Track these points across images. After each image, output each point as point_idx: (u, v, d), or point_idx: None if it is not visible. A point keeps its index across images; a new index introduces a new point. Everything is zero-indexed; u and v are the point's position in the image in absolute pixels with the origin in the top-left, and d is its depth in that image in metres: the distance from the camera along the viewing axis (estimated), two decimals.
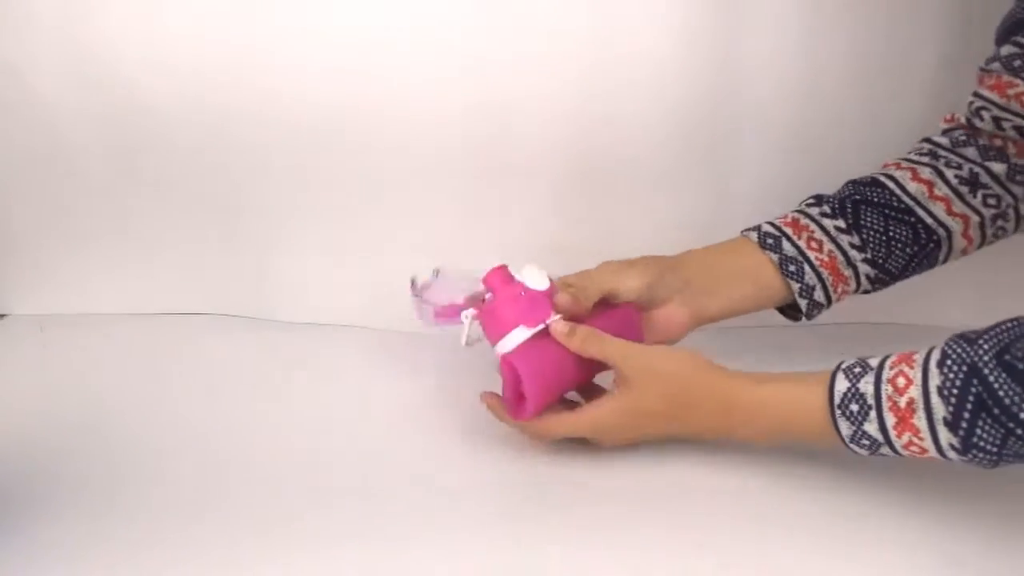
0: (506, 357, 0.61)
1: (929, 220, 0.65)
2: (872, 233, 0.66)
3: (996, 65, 0.65)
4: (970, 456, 0.50)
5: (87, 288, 0.88)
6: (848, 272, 0.66)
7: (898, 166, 0.68)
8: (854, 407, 0.53)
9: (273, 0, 0.75)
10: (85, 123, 0.81)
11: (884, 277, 0.67)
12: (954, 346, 0.51)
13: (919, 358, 0.52)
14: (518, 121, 0.77)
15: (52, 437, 0.66)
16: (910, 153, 0.69)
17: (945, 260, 0.68)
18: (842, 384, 0.54)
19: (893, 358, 0.53)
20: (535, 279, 0.62)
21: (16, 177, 0.84)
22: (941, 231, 0.66)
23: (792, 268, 0.66)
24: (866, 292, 0.69)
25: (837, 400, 0.54)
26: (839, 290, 0.67)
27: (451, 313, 0.65)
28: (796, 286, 0.66)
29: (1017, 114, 0.64)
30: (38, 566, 0.52)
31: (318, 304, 0.86)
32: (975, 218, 0.66)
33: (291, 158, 0.81)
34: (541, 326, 0.61)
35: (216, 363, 0.79)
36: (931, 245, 0.66)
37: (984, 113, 0.65)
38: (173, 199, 0.84)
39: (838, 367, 0.56)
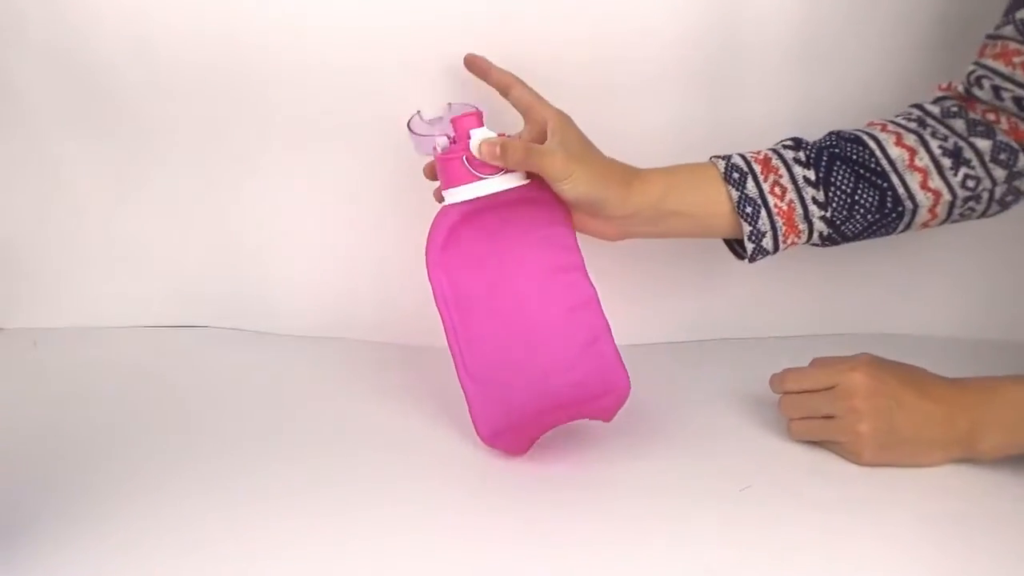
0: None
1: (901, 190, 0.64)
2: (839, 192, 0.65)
3: (1009, 29, 0.62)
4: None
5: (81, 302, 0.88)
6: (803, 226, 0.66)
7: (884, 127, 0.67)
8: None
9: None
10: (76, 134, 0.81)
11: (837, 238, 0.67)
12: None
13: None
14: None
15: (47, 452, 0.66)
16: (898, 116, 0.68)
17: (903, 231, 0.67)
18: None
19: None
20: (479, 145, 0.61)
21: (7, 190, 0.84)
22: (908, 203, 0.65)
23: (748, 209, 0.65)
24: (815, 246, 0.68)
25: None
26: (788, 241, 0.66)
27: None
28: (748, 228, 0.65)
29: (1019, 84, 0.62)
30: None
31: (314, 316, 0.86)
32: (947, 196, 0.64)
33: (287, 165, 0.80)
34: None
35: (212, 376, 0.79)
36: (893, 215, 0.65)
37: (984, 82, 0.64)
38: (167, 210, 0.84)
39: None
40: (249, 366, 0.81)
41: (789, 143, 0.67)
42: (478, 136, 0.62)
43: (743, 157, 0.66)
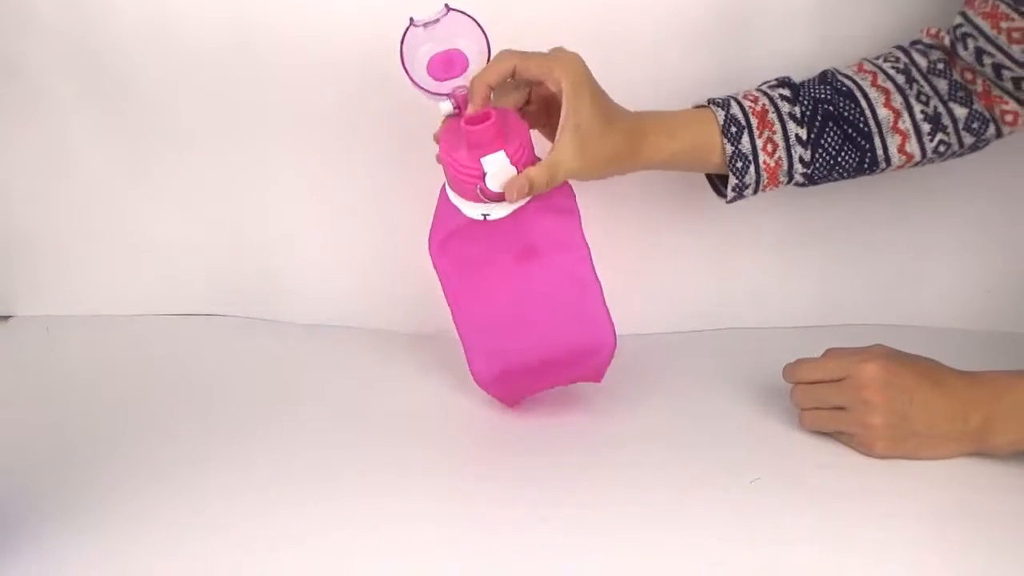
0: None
1: (880, 151, 0.66)
2: (824, 154, 0.66)
3: None
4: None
5: (93, 289, 0.88)
6: (784, 179, 0.68)
7: (874, 80, 0.66)
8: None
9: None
10: (90, 121, 0.81)
11: (807, 184, 0.69)
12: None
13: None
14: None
15: (59, 440, 0.66)
16: (885, 63, 0.67)
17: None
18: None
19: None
20: (495, 182, 0.59)
21: (20, 177, 0.84)
22: (883, 164, 0.67)
23: (739, 164, 0.66)
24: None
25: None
26: (767, 191, 0.69)
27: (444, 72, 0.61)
28: (734, 181, 0.67)
29: (1002, 50, 0.61)
30: (42, 570, 0.52)
31: (326, 305, 0.86)
32: (917, 158, 0.66)
33: (299, 155, 0.80)
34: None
35: (223, 364, 0.79)
36: (867, 173, 0.68)
37: (969, 42, 0.63)
38: (179, 199, 0.84)
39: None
40: (260, 354, 0.81)
41: (786, 93, 0.67)
42: (496, 169, 0.59)
43: (741, 108, 0.67)
